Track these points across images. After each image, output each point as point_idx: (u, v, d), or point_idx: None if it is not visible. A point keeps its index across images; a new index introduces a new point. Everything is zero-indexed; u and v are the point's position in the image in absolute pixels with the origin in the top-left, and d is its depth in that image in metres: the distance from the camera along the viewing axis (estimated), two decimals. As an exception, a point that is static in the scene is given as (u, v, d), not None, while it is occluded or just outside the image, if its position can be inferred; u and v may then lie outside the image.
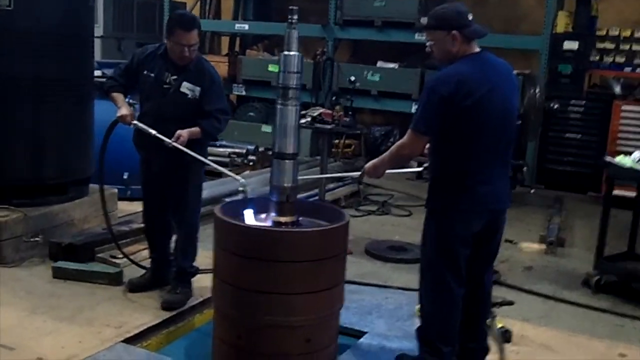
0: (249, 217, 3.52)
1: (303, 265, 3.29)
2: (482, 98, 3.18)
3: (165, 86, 4.11)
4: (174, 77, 4.09)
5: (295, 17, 3.34)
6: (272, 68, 9.97)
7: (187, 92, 4.09)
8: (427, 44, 3.40)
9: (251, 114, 10.35)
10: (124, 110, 4.12)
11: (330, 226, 3.43)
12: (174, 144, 3.95)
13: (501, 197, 3.39)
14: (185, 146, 3.99)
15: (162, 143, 4.00)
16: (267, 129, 9.95)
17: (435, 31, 3.33)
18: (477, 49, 3.34)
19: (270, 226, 3.45)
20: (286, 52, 3.38)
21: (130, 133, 4.33)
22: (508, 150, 3.41)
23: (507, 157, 3.44)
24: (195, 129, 4.05)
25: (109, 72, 6.61)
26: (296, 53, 3.37)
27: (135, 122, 4.11)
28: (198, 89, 4.09)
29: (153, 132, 4.02)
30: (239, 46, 11.46)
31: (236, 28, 10.51)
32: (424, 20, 3.46)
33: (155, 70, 4.12)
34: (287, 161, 3.45)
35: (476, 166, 3.28)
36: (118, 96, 4.21)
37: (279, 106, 3.43)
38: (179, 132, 3.98)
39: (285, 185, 3.46)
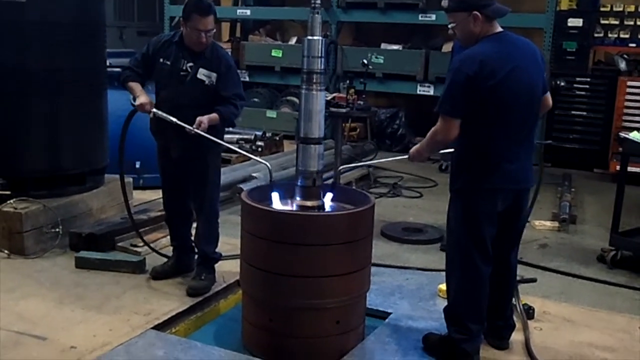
0: (277, 201, 3.56)
1: (333, 248, 3.34)
2: (506, 77, 3.20)
3: (182, 73, 4.12)
4: (190, 64, 4.10)
5: (319, 1, 3.35)
6: (275, 53, 9.98)
7: (204, 78, 4.10)
8: (450, 26, 3.40)
9: (255, 99, 10.35)
10: (143, 99, 4.12)
11: (359, 209, 3.46)
12: (196, 130, 3.97)
13: (526, 175, 3.43)
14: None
15: (181, 130, 4.01)
16: (271, 114, 9.97)
17: (456, 13, 3.34)
18: (499, 29, 3.35)
19: (299, 210, 3.49)
20: (309, 37, 3.41)
21: (141, 122, 4.33)
22: (533, 129, 3.44)
23: (532, 136, 3.47)
24: (214, 115, 4.07)
25: (113, 61, 6.69)
26: (319, 37, 3.39)
27: (154, 110, 4.10)
28: (214, 75, 4.10)
29: (174, 119, 4.02)
30: (240, 32, 11.44)
31: (238, 14, 10.49)
32: (444, 2, 3.46)
33: (171, 58, 4.12)
34: (312, 146, 3.48)
35: (502, 145, 3.30)
36: (136, 85, 4.21)
37: (303, 91, 3.46)
38: (199, 118, 3.99)
39: (312, 169, 3.49)
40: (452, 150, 3.51)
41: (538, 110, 3.43)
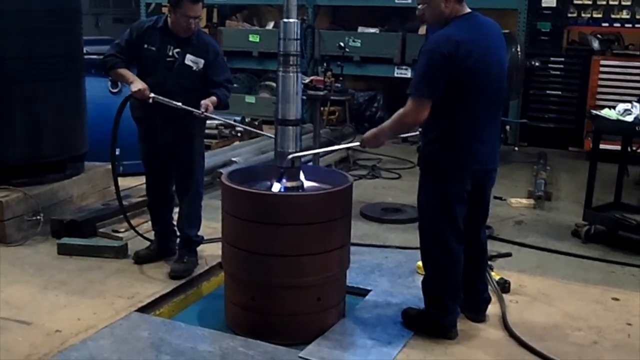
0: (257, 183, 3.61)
1: (312, 227, 3.41)
2: (480, 59, 3.25)
3: (168, 59, 4.14)
4: (177, 50, 4.13)
5: (293, -15, 3.39)
6: (252, 38, 9.97)
7: (192, 64, 4.14)
8: (419, 7, 3.41)
9: (234, 85, 10.33)
10: (139, 85, 4.06)
11: (336, 188, 3.53)
12: (206, 113, 4.02)
13: (494, 156, 3.52)
14: (187, 118, 4.07)
15: (169, 116, 4.06)
16: (250, 99, 9.98)
17: None
18: (468, 10, 3.38)
19: (279, 191, 3.55)
20: (285, 20, 3.45)
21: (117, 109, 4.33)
22: (500, 110, 3.53)
23: (500, 117, 3.55)
24: (214, 99, 4.12)
25: (89, 49, 6.67)
26: (295, 20, 3.44)
27: (153, 95, 4.05)
28: (202, 61, 4.14)
29: (179, 104, 4.03)
30: (217, 17, 11.40)
31: (214, -1, 10.45)
32: None
33: (157, 44, 4.14)
34: (290, 127, 3.54)
35: (473, 126, 3.35)
36: (126, 72, 4.16)
37: (280, 73, 3.50)
38: (205, 102, 4.05)
39: (290, 150, 3.55)
40: (415, 133, 3.55)
41: (505, 91, 3.51)
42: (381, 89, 10.04)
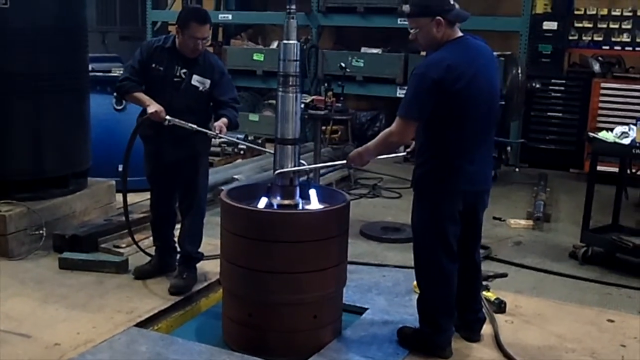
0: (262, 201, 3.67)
1: (309, 245, 3.47)
2: (470, 82, 3.31)
3: (175, 80, 4.21)
4: (184, 70, 4.20)
5: (294, 7, 3.49)
6: (257, 57, 10.08)
7: (198, 84, 4.21)
8: (412, 31, 3.44)
9: (240, 104, 10.42)
10: (156, 107, 4.12)
11: (333, 207, 3.59)
12: (220, 135, 4.11)
13: (487, 177, 3.58)
14: (194, 137, 4.18)
15: (175, 136, 4.15)
16: (254, 117, 10.06)
17: (419, 18, 3.38)
18: (460, 33, 3.44)
19: (276, 209, 3.60)
20: (285, 41, 3.53)
21: (124, 127, 4.39)
22: (492, 132, 3.58)
23: (492, 139, 3.61)
24: (225, 121, 4.19)
25: (96, 66, 6.78)
26: (295, 42, 3.52)
27: (169, 117, 4.11)
28: (208, 81, 4.22)
29: (194, 126, 4.11)
30: (222, 36, 11.53)
31: (219, 18, 10.56)
32: (406, 8, 3.52)
33: (165, 64, 4.21)
34: (289, 146, 3.61)
35: (465, 148, 3.40)
36: (141, 95, 4.23)
37: (280, 93, 3.57)
38: (217, 124, 4.12)
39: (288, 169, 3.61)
40: (400, 154, 3.58)
41: (497, 113, 3.57)
42: (384, 109, 10.12)
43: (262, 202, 3.69)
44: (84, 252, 4.83)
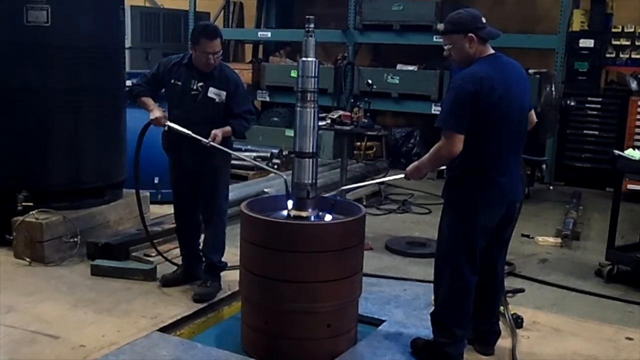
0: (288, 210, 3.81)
1: (325, 255, 3.57)
2: (503, 95, 3.41)
3: (193, 93, 4.41)
4: (200, 84, 4.39)
5: (312, 25, 3.61)
6: (294, 74, 10.22)
7: (214, 96, 4.39)
8: (445, 47, 3.60)
9: (275, 119, 10.63)
10: (157, 113, 4.40)
11: (349, 219, 3.69)
12: (212, 143, 4.25)
13: (517, 189, 3.63)
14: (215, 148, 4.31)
15: (194, 144, 4.30)
16: (290, 133, 10.20)
17: (452, 35, 3.54)
18: (492, 51, 3.56)
19: (293, 220, 3.72)
20: (304, 59, 3.66)
21: (159, 140, 4.61)
22: (522, 145, 3.65)
23: (521, 152, 3.68)
24: (227, 128, 4.37)
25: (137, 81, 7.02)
26: (313, 59, 3.65)
27: (169, 123, 4.37)
28: (224, 93, 4.40)
29: (189, 132, 4.30)
30: (262, 53, 11.77)
31: (259, 36, 10.82)
32: (440, 26, 3.67)
33: (182, 79, 4.42)
34: (306, 159, 3.72)
35: (496, 160, 3.49)
36: (148, 100, 4.50)
37: (298, 109, 3.70)
38: (214, 131, 4.29)
39: (306, 181, 3.73)
40: None
41: (526, 128, 3.64)
42: (418, 125, 10.18)
43: (281, 214, 3.81)
44: (116, 259, 5.02)
